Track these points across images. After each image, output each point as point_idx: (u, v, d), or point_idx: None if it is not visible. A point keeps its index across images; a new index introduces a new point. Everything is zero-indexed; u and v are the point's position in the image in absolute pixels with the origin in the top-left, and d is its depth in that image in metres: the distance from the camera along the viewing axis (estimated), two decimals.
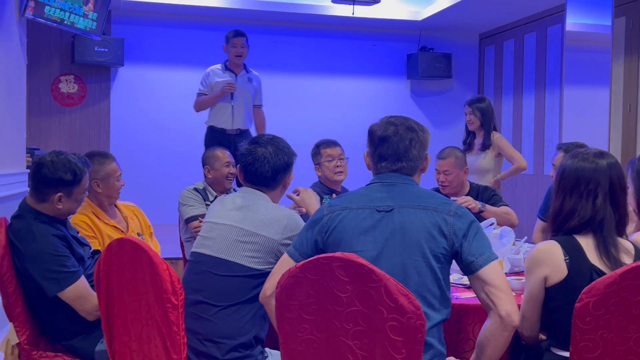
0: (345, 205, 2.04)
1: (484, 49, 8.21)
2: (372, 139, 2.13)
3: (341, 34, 7.92)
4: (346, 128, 7.56)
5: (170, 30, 7.50)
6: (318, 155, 3.82)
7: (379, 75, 8.05)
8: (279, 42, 7.76)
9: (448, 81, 8.16)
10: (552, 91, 6.91)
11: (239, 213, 2.36)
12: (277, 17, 7.51)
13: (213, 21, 7.57)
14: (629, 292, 1.75)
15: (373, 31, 7.98)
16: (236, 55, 5.37)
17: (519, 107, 7.49)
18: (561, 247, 2.03)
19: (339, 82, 7.95)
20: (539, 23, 7.15)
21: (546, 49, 7.04)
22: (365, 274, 1.70)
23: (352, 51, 7.98)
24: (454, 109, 8.28)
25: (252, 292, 2.26)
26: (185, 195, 3.66)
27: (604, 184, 2.03)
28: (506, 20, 7.51)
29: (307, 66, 7.87)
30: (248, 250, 2.29)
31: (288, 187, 2.57)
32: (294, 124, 7.70)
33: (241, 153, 2.50)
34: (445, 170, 3.70)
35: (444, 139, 8.13)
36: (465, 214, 1.99)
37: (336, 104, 7.90)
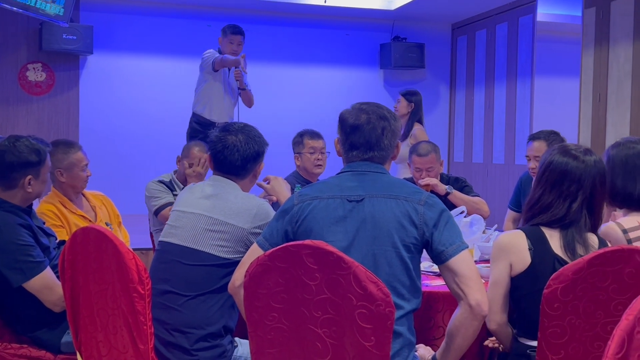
0: (316, 194, 2.02)
1: (457, 39, 8.24)
2: (344, 127, 2.11)
3: (313, 23, 7.88)
4: (319, 117, 7.51)
5: (140, 17, 7.39)
6: (300, 145, 3.78)
7: (352, 64, 8.03)
8: (251, 30, 7.67)
9: (421, 71, 8.17)
10: (523, 81, 6.96)
11: (207, 202, 2.33)
12: (248, 5, 7.44)
13: (183, 9, 7.48)
14: (596, 278, 1.77)
15: (346, 20, 7.95)
16: (231, 52, 5.29)
17: (491, 97, 7.53)
18: (526, 236, 2.03)
19: (312, 71, 7.91)
20: (510, 13, 7.19)
21: (517, 39, 7.08)
22: (334, 261, 1.69)
23: (325, 40, 7.94)
24: (427, 99, 8.27)
25: (221, 281, 2.23)
26: (150, 187, 3.60)
27: (586, 186, 2.02)
28: (478, 10, 7.53)
29: (279, 55, 7.82)
30: (217, 239, 2.26)
31: (259, 177, 2.54)
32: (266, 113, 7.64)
33: (211, 140, 2.46)
34: (428, 168, 3.72)
35: None
36: (436, 204, 1.98)
37: (309, 94, 7.87)
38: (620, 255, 1.76)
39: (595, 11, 6.06)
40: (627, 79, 5.75)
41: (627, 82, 5.76)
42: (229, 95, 5.44)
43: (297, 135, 3.85)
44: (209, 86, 5.36)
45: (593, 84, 6.08)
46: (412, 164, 3.77)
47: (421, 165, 3.72)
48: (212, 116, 5.39)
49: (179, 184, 3.66)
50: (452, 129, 8.34)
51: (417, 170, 3.74)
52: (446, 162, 8.36)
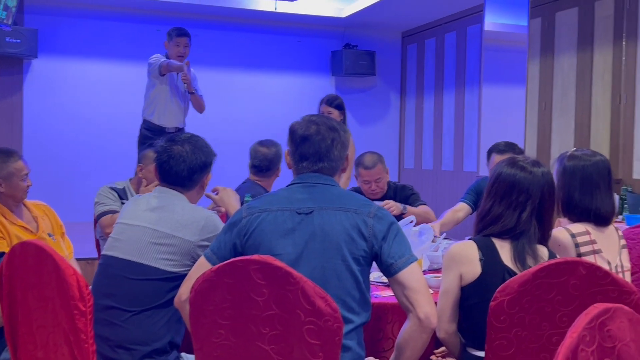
0: (265, 207, 1.99)
1: (406, 47, 8.32)
2: (294, 138, 2.09)
3: (264, 29, 7.84)
4: (271, 124, 7.48)
5: (87, 21, 7.23)
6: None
7: (303, 71, 8.03)
8: (201, 35, 7.60)
9: (372, 78, 8.22)
10: (472, 89, 7.07)
11: (153, 214, 2.27)
12: (198, 10, 7.36)
13: (131, 12, 7.35)
14: (541, 290, 1.78)
15: (297, 27, 7.94)
16: (178, 55, 5.22)
17: (440, 105, 7.63)
18: (477, 247, 2.05)
19: (263, 77, 7.87)
20: (458, 22, 7.30)
21: (466, 48, 7.19)
22: (282, 276, 1.66)
23: (276, 46, 7.92)
24: (378, 106, 8.36)
25: (167, 295, 2.18)
26: (100, 192, 3.47)
27: (535, 197, 2.05)
28: (427, 19, 7.63)
29: (230, 61, 7.76)
30: (163, 253, 2.21)
31: (207, 187, 2.49)
32: (217, 119, 7.56)
33: (157, 151, 2.41)
34: (376, 179, 3.72)
35: (368, 136, 8.22)
36: (385, 216, 1.98)
37: (260, 100, 7.83)
38: (564, 267, 1.78)
39: (540, 22, 6.21)
40: (571, 88, 5.91)
41: (571, 91, 5.91)
42: (178, 99, 5.37)
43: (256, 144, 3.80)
44: (157, 91, 5.29)
45: (539, 93, 6.22)
46: (359, 177, 3.77)
47: (369, 178, 3.72)
48: (162, 121, 5.32)
49: (133, 192, 3.55)
50: (403, 136, 8.42)
51: (365, 183, 3.73)
52: (397, 169, 8.42)
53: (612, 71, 5.52)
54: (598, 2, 5.64)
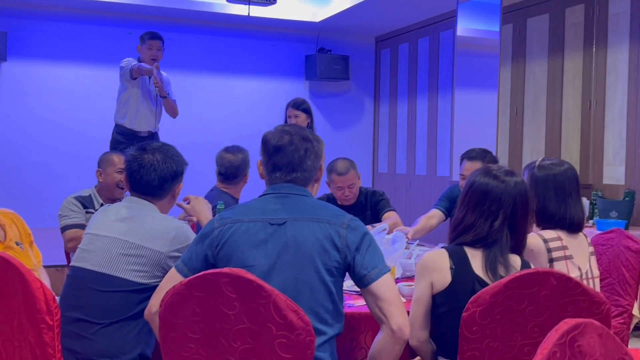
0: (237, 217, 1.97)
1: (380, 51, 8.35)
2: (266, 148, 2.07)
3: (238, 33, 7.81)
4: (244, 128, 7.48)
5: (58, 24, 7.13)
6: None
7: (277, 75, 8.01)
8: (174, 39, 7.54)
9: (346, 83, 8.23)
10: (444, 94, 7.11)
11: (122, 224, 2.23)
12: (171, 13, 7.30)
13: (103, 15, 7.26)
14: (513, 300, 1.79)
15: (271, 31, 7.92)
16: (151, 58, 5.17)
17: (413, 109, 7.66)
18: (449, 255, 2.05)
19: (237, 81, 7.84)
20: (431, 28, 7.34)
21: (439, 53, 7.24)
22: (253, 290, 1.64)
23: (250, 50, 7.89)
24: (352, 110, 8.37)
25: (137, 307, 2.14)
26: (64, 203, 3.40)
27: (507, 205, 2.05)
28: (401, 24, 7.66)
29: (203, 65, 7.71)
30: (133, 264, 2.17)
31: (178, 197, 2.46)
32: (190, 124, 7.51)
33: (127, 160, 2.37)
34: (349, 185, 3.72)
35: (342, 140, 8.23)
36: (358, 227, 1.97)
37: (234, 104, 7.79)
38: (536, 277, 1.79)
39: (512, 28, 6.27)
40: (542, 93, 5.97)
41: (542, 96, 5.97)
42: (151, 103, 5.32)
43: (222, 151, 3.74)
44: (129, 94, 5.24)
45: (510, 98, 6.28)
46: (332, 183, 3.76)
47: (342, 184, 3.71)
48: (134, 125, 5.27)
49: (99, 199, 3.49)
50: (377, 141, 8.44)
51: (338, 189, 3.73)
52: (370, 173, 8.44)
53: (583, 77, 5.59)
54: (568, 9, 5.71)
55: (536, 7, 6.03)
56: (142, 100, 5.25)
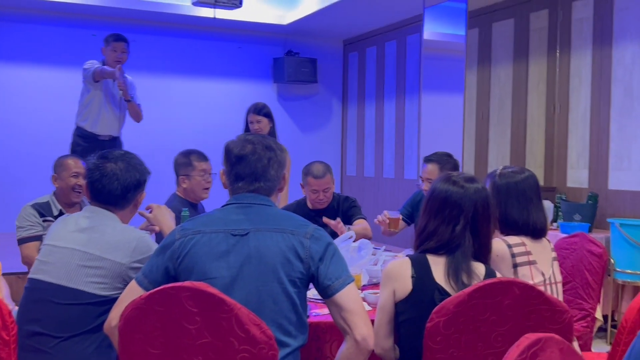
0: (199, 228, 1.94)
1: (348, 55, 8.36)
2: (229, 158, 2.04)
3: (205, 35, 7.74)
4: (213, 130, 7.42)
5: (20, 25, 6.99)
6: (189, 167, 3.57)
7: (245, 78, 7.96)
8: (139, 41, 7.45)
9: (314, 85, 8.22)
10: (412, 98, 7.15)
11: (82, 235, 2.18)
12: (136, 15, 7.20)
13: (67, 17, 7.14)
14: (476, 310, 1.79)
15: (238, 33, 7.87)
16: (115, 60, 5.08)
17: (381, 113, 7.69)
18: (411, 264, 2.05)
19: (204, 84, 7.77)
20: (399, 32, 7.37)
21: (406, 57, 7.27)
22: (215, 303, 1.62)
23: (217, 53, 7.83)
24: (320, 113, 8.37)
25: (96, 320, 2.10)
26: (22, 214, 3.33)
27: (467, 210, 2.07)
28: (368, 27, 7.68)
29: (169, 67, 7.63)
30: (93, 276, 2.12)
31: (140, 206, 2.42)
32: (156, 127, 7.43)
33: (88, 168, 2.32)
34: (325, 189, 3.72)
35: (310, 143, 8.22)
36: (322, 237, 1.96)
37: (202, 106, 7.73)
38: (499, 287, 1.79)
39: (478, 32, 6.32)
40: (507, 97, 6.03)
41: (507, 100, 6.03)
42: (113, 107, 5.22)
43: (182, 156, 3.65)
44: (91, 97, 5.14)
45: (476, 102, 6.33)
46: (307, 186, 3.75)
47: (318, 187, 3.71)
48: (95, 129, 5.17)
49: (57, 204, 3.42)
50: (345, 143, 8.44)
51: (313, 192, 3.73)
52: (339, 176, 8.44)
53: (547, 81, 5.66)
54: (533, 14, 5.78)
55: (501, 12, 6.09)
56: (105, 104, 5.16)
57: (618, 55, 4.96)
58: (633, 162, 4.83)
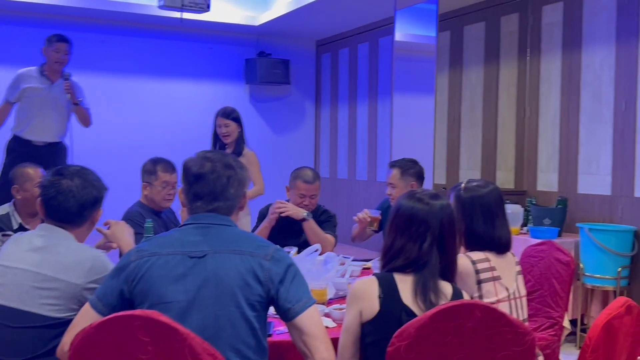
0: (155, 250, 1.88)
1: (321, 56, 8.31)
2: (187, 176, 1.99)
3: (174, 36, 7.64)
4: (184, 131, 7.35)
5: None
6: (153, 175, 3.52)
7: (217, 79, 7.88)
8: (106, 41, 7.33)
9: (286, 87, 8.17)
10: (384, 99, 7.13)
11: (35, 255, 2.11)
12: (104, 15, 7.08)
13: (35, 17, 6.99)
14: (438, 333, 1.76)
15: (209, 34, 7.79)
16: (56, 62, 4.94)
17: (354, 114, 7.66)
18: (378, 284, 2.02)
19: (175, 84, 7.67)
20: (371, 34, 7.35)
21: (378, 59, 7.24)
22: (167, 333, 1.56)
23: (187, 53, 7.73)
24: (293, 115, 8.31)
25: (50, 344, 2.03)
26: None
27: (434, 227, 2.04)
28: (341, 29, 7.64)
29: (139, 67, 7.51)
30: (46, 298, 2.05)
31: (97, 223, 2.35)
32: (126, 127, 7.33)
33: (42, 185, 2.25)
34: (312, 195, 3.75)
35: (283, 144, 8.16)
36: (282, 258, 1.91)
37: (172, 107, 7.62)
38: (461, 310, 1.76)
39: (449, 35, 6.31)
40: (478, 101, 6.04)
41: (478, 104, 6.04)
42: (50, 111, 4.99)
43: (150, 162, 3.59)
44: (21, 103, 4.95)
45: (448, 105, 6.33)
46: (295, 189, 3.73)
47: (306, 192, 3.71)
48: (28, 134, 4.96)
49: (17, 218, 3.32)
50: (318, 145, 8.40)
51: (300, 197, 3.71)
52: None
53: (517, 85, 5.67)
54: (504, 17, 5.79)
55: (472, 15, 6.09)
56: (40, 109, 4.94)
57: (587, 60, 4.98)
58: (602, 166, 4.86)
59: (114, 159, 6.85)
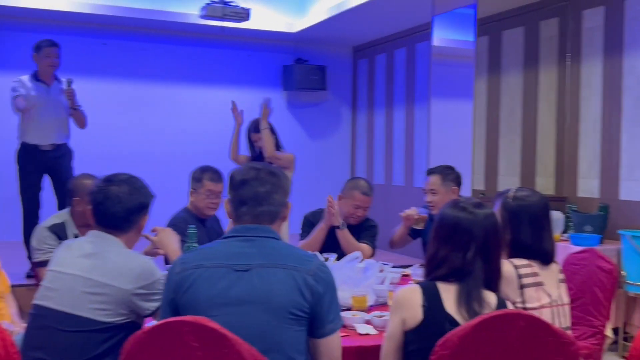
0: (199, 262, 1.91)
1: (357, 62, 8.34)
2: (233, 183, 2.04)
3: (214, 43, 7.75)
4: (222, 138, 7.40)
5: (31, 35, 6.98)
6: (199, 183, 3.60)
7: (255, 85, 7.96)
8: (149, 50, 7.48)
9: (323, 93, 8.21)
10: (421, 105, 7.11)
11: (86, 261, 2.18)
12: (145, 24, 7.23)
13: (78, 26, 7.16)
14: (482, 343, 1.77)
15: (247, 41, 7.88)
16: (49, 65, 5.07)
17: (390, 120, 7.66)
18: (422, 292, 2.03)
19: (214, 92, 7.77)
20: (408, 39, 7.34)
21: (415, 64, 7.24)
22: (216, 339, 1.61)
23: (226, 61, 7.84)
24: (329, 120, 8.35)
25: (100, 347, 2.09)
26: (38, 237, 3.22)
27: (478, 236, 2.05)
28: (378, 35, 7.65)
29: (179, 75, 7.64)
30: (96, 302, 2.11)
31: (143, 230, 2.41)
32: (167, 134, 7.47)
33: (92, 192, 2.32)
34: (366, 207, 3.78)
35: (320, 150, 8.20)
36: (325, 276, 1.94)
37: (212, 114, 7.71)
38: (504, 320, 1.77)
39: (488, 40, 6.28)
40: (517, 106, 5.99)
41: (517, 109, 5.99)
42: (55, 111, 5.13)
43: (199, 170, 3.67)
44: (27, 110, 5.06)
45: (486, 110, 6.29)
46: (350, 199, 3.75)
47: (362, 204, 3.74)
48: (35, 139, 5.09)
49: (73, 228, 3.30)
50: (354, 151, 8.42)
51: (355, 207, 3.74)
52: None
53: (557, 90, 5.62)
54: (543, 22, 5.74)
55: (511, 20, 6.05)
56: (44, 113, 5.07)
57: (629, 65, 4.91)
58: None
59: (157, 166, 6.98)
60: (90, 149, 6.80)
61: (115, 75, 7.40)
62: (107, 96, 7.28)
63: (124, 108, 7.40)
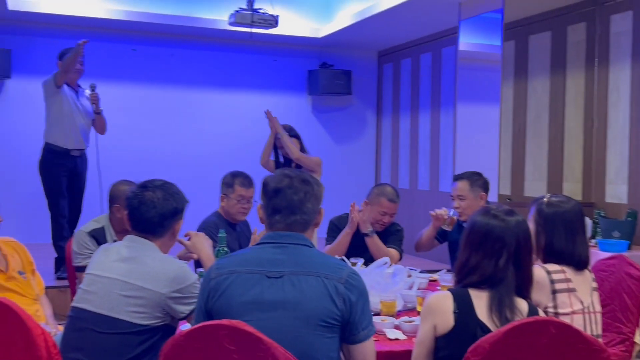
0: (234, 268, 1.96)
1: (383, 66, 8.35)
2: (266, 191, 2.07)
3: (241, 49, 7.83)
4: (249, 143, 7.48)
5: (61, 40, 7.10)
6: (230, 188, 3.65)
7: (280, 90, 8.02)
8: (177, 55, 7.58)
9: (348, 97, 8.24)
10: (447, 109, 7.11)
11: (123, 265, 2.24)
12: (173, 29, 7.33)
13: (106, 32, 7.28)
14: (512, 349, 1.79)
15: (273, 47, 7.94)
16: (75, 72, 5.18)
17: (416, 124, 7.66)
18: (453, 299, 2.05)
19: (240, 96, 7.85)
20: (433, 44, 7.35)
21: (441, 69, 7.24)
22: (252, 342, 1.65)
23: (253, 66, 7.91)
24: (354, 125, 8.38)
25: (136, 349, 2.15)
26: (79, 241, 3.28)
27: (510, 243, 2.07)
28: (403, 39, 7.67)
29: (207, 80, 7.73)
30: (133, 305, 2.17)
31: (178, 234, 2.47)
32: (193, 139, 7.55)
33: (127, 197, 2.39)
34: (393, 214, 3.82)
35: (345, 154, 8.23)
36: (357, 283, 1.96)
37: (238, 119, 7.80)
38: (535, 326, 1.79)
39: (514, 44, 6.27)
40: (544, 111, 5.97)
41: (544, 114, 5.97)
42: (82, 117, 5.24)
43: (230, 175, 3.71)
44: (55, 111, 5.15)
45: (513, 115, 6.28)
46: (377, 205, 3.77)
47: (389, 210, 3.77)
48: (67, 144, 5.18)
49: (113, 233, 3.34)
50: (379, 155, 8.44)
51: (382, 214, 3.77)
52: None
53: (585, 95, 5.59)
54: (570, 26, 5.71)
55: (538, 24, 6.03)
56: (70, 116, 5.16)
57: None
58: None
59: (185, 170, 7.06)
60: (120, 154, 6.93)
61: (144, 81, 7.51)
62: (136, 102, 7.39)
63: (153, 113, 7.50)
